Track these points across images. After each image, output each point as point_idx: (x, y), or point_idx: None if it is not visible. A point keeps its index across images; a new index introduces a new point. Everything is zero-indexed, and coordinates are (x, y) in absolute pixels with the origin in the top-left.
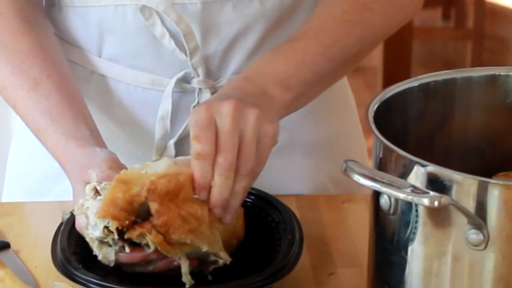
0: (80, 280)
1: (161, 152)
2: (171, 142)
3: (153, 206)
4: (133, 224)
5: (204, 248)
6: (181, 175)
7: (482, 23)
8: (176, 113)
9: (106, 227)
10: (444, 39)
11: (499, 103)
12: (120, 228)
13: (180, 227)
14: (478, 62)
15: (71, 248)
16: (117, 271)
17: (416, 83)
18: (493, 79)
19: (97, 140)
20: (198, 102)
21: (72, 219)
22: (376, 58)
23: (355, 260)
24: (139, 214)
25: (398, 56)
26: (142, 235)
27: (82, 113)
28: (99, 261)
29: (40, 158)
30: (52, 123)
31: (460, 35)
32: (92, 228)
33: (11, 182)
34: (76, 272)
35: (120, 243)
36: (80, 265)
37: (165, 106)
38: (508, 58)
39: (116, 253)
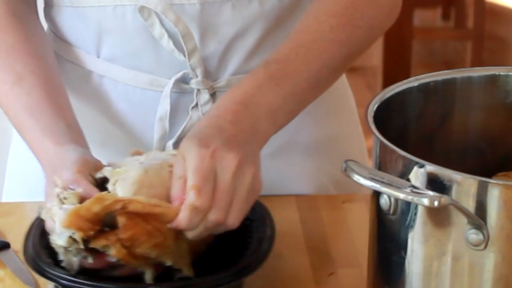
0: (51, 276)
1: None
2: (170, 143)
3: (121, 220)
4: (99, 233)
5: (168, 263)
6: (157, 208)
7: (482, 23)
8: (174, 113)
9: (70, 237)
10: (444, 39)
11: (499, 103)
12: (85, 238)
13: (145, 242)
14: (478, 62)
15: (44, 242)
16: (88, 267)
17: (416, 83)
18: (493, 79)
19: (75, 136)
20: (196, 103)
21: None
22: (376, 58)
23: (355, 260)
24: (105, 222)
25: (398, 56)
26: (106, 247)
27: (62, 109)
28: None
29: None
30: (31, 118)
31: (460, 35)
32: (57, 236)
33: (11, 182)
34: (46, 268)
35: (84, 253)
36: (51, 260)
37: (164, 106)
38: (508, 58)
39: (80, 260)
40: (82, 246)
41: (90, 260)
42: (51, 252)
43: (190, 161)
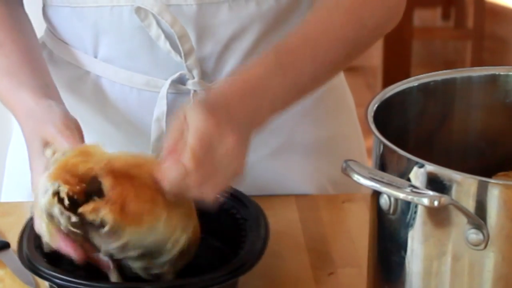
0: (45, 275)
1: (157, 153)
2: None
3: (107, 181)
4: (87, 198)
5: (160, 228)
6: (143, 167)
7: (482, 23)
8: (171, 114)
9: (56, 194)
10: (444, 39)
11: (499, 103)
12: (69, 195)
13: (136, 197)
14: (478, 62)
15: (37, 241)
16: (84, 266)
17: (416, 83)
18: (493, 79)
19: (53, 95)
20: None
21: None
22: (376, 58)
23: (355, 260)
24: (91, 191)
25: (398, 56)
26: (95, 210)
27: (40, 71)
28: (66, 257)
29: None
30: (7, 75)
31: (460, 35)
32: (42, 196)
33: (10, 182)
34: (40, 267)
35: (68, 213)
36: (45, 259)
37: (160, 107)
38: (508, 58)
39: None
40: (66, 202)
41: (74, 219)
42: (46, 252)
43: (195, 122)
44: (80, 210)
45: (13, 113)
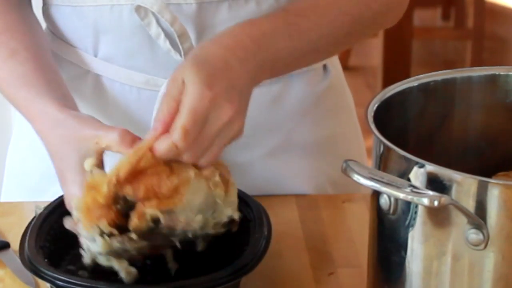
0: (47, 277)
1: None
2: None
3: (127, 190)
4: (124, 218)
5: (196, 184)
6: (145, 155)
7: (482, 23)
8: None
9: (103, 233)
10: (444, 39)
11: (499, 103)
12: (112, 224)
13: (159, 181)
14: (478, 62)
15: (40, 242)
16: (87, 266)
17: (416, 83)
18: (493, 79)
19: (72, 104)
20: None
21: (44, 214)
22: (376, 58)
23: (355, 260)
24: (124, 209)
25: (398, 56)
26: (141, 217)
27: (56, 81)
28: (68, 257)
29: (38, 157)
30: (25, 85)
31: (460, 35)
32: (92, 244)
33: (10, 182)
34: (42, 269)
35: (125, 237)
36: (47, 261)
37: None
38: (508, 58)
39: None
40: (115, 231)
41: (134, 237)
42: (48, 253)
43: (190, 96)
44: (131, 227)
45: (33, 124)
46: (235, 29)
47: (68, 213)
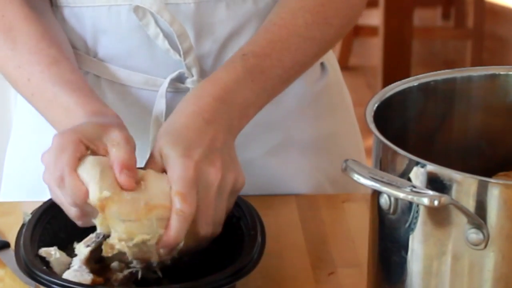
0: (46, 282)
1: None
2: None
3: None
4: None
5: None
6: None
7: (482, 22)
8: (170, 113)
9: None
10: (444, 39)
11: (499, 102)
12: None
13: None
14: (478, 61)
15: (35, 250)
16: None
17: (416, 83)
18: (493, 78)
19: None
20: None
21: (33, 220)
22: (376, 57)
23: (355, 259)
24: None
25: (398, 55)
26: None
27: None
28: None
29: (38, 157)
30: (75, 92)
31: (460, 34)
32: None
33: (9, 182)
34: (42, 275)
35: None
36: (45, 267)
37: (159, 106)
38: (508, 58)
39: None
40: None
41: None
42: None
43: (173, 168)
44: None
45: (67, 110)
46: (197, 91)
47: (58, 215)
